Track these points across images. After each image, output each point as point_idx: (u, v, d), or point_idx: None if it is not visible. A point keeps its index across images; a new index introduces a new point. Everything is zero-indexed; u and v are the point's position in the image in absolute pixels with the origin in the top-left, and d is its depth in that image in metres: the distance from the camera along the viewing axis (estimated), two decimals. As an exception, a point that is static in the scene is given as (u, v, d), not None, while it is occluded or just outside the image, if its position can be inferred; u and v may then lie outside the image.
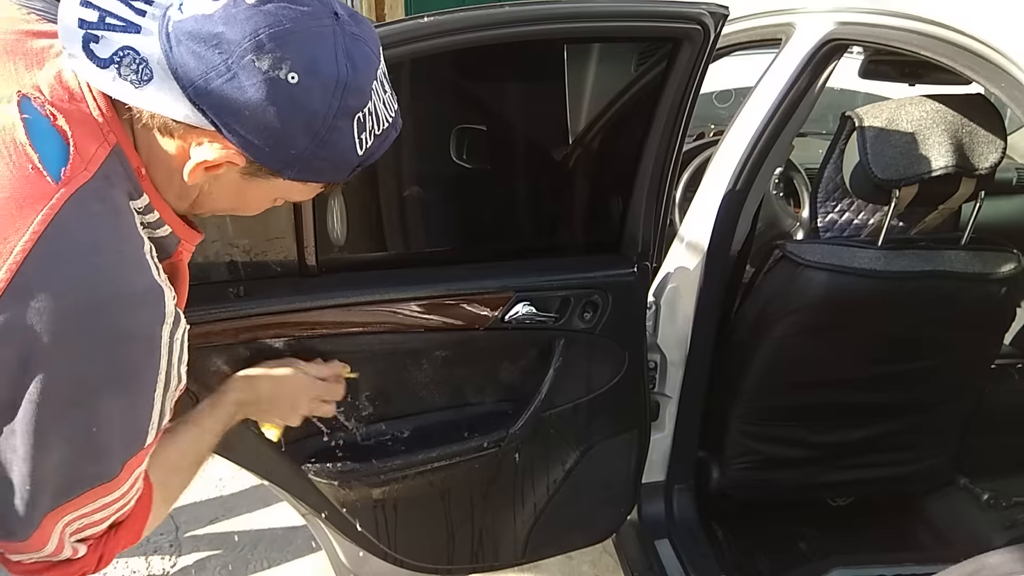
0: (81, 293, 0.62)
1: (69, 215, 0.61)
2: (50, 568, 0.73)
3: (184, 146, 0.69)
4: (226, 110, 0.64)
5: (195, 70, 0.63)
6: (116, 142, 0.67)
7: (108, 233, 0.65)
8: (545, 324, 1.33)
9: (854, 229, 1.57)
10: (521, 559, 1.57)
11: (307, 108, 0.65)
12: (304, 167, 0.69)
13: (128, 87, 0.64)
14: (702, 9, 1.16)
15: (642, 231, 1.38)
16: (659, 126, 1.29)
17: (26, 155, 0.61)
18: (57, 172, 0.62)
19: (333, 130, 0.67)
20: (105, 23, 0.64)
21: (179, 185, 0.72)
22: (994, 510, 1.74)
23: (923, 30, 1.24)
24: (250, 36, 0.62)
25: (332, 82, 0.66)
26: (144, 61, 0.64)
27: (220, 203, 0.77)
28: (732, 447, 1.68)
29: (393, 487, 1.34)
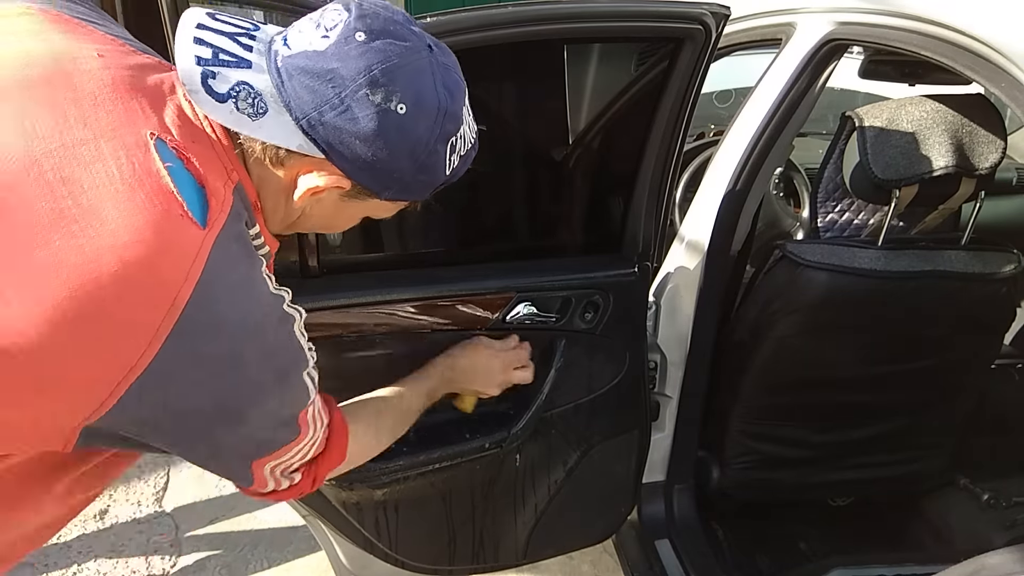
0: (233, 331, 0.68)
1: (217, 259, 0.65)
2: (278, 495, 0.85)
3: (292, 174, 0.74)
4: (338, 140, 0.69)
5: (308, 103, 0.68)
6: (238, 180, 0.72)
7: (245, 270, 0.71)
8: (546, 324, 1.33)
9: (854, 229, 1.57)
10: (522, 560, 1.57)
11: (412, 136, 0.71)
12: (401, 188, 0.76)
13: (246, 119, 0.68)
14: (703, 9, 1.15)
15: (643, 231, 1.38)
16: (660, 126, 1.28)
17: (175, 201, 0.63)
18: (202, 217, 0.65)
19: (432, 154, 0.73)
20: (219, 59, 0.68)
21: (284, 210, 0.78)
22: (994, 510, 1.75)
23: (923, 30, 1.24)
24: (364, 72, 0.67)
25: (434, 111, 0.72)
26: (259, 95, 0.68)
27: (315, 223, 0.83)
28: (732, 447, 1.68)
29: (394, 488, 1.34)
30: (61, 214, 0.59)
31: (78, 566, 2.07)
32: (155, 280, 0.61)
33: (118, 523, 2.24)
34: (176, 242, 0.63)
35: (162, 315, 0.61)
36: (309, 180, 0.73)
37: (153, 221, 0.62)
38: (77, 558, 2.10)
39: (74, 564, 2.08)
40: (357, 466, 0.99)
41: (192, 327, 0.63)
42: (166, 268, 0.62)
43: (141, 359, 0.61)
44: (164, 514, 2.28)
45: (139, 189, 0.62)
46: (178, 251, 0.63)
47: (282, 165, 0.73)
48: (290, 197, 0.76)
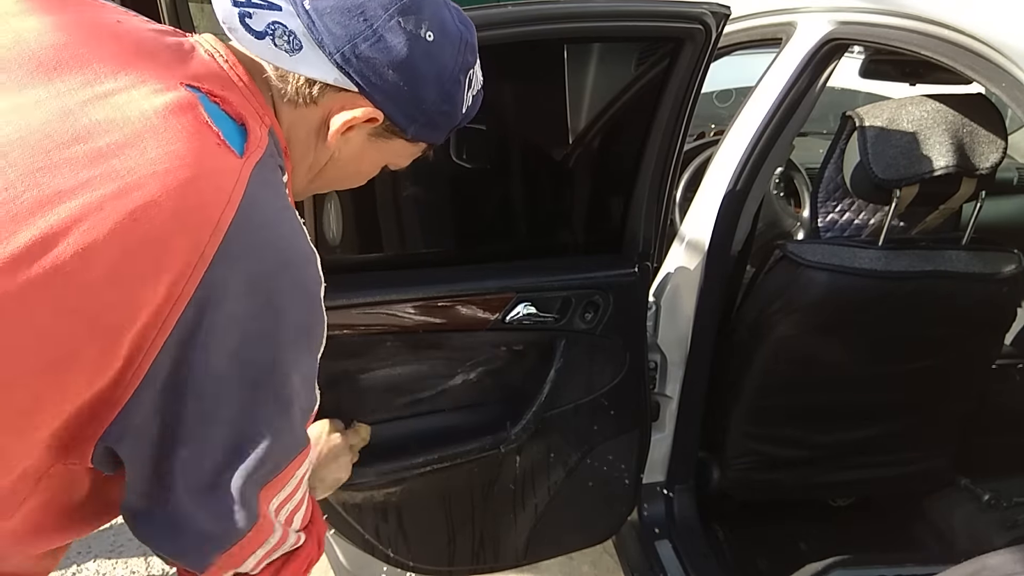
0: (274, 254, 0.67)
1: (256, 186, 0.66)
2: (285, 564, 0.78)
3: (325, 111, 0.75)
4: (371, 70, 0.72)
5: (341, 37, 0.71)
6: (270, 124, 0.73)
7: (283, 203, 0.72)
8: (546, 325, 1.33)
9: (855, 229, 1.57)
10: (522, 560, 1.57)
11: (439, 62, 0.74)
12: (426, 122, 0.78)
13: (283, 55, 0.71)
14: (704, 9, 1.15)
15: (643, 231, 1.38)
16: (660, 126, 1.28)
17: (211, 131, 0.65)
18: (240, 147, 0.66)
19: (455, 83, 0.77)
20: (252, 3, 0.72)
21: (314, 153, 0.79)
22: (994, 510, 1.74)
23: (924, 30, 1.24)
24: (395, 2, 0.72)
25: (457, 39, 0.76)
26: (292, 33, 0.71)
27: (342, 169, 0.83)
28: (732, 447, 1.68)
29: (394, 488, 1.34)
30: (99, 153, 0.61)
31: (77, 566, 2.07)
32: (197, 203, 0.62)
33: (118, 523, 2.21)
34: (216, 168, 0.64)
35: (206, 237, 0.61)
36: (344, 115, 0.75)
37: (192, 149, 0.63)
38: (76, 558, 2.09)
39: (73, 564, 2.08)
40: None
41: (237, 249, 0.63)
42: (208, 192, 0.63)
43: (188, 283, 0.61)
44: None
45: (175, 121, 0.64)
46: (218, 176, 0.64)
47: (315, 103, 0.75)
48: (321, 137, 0.77)
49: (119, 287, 0.59)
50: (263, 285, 0.66)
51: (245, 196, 0.64)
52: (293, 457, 0.73)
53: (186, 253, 0.61)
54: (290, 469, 0.73)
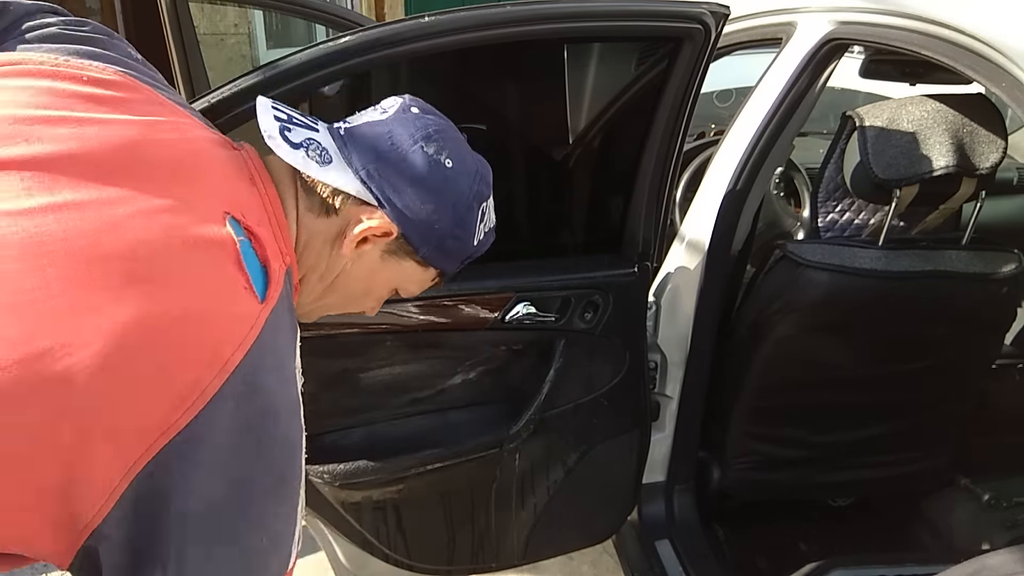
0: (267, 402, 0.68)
1: (267, 333, 0.68)
2: None
3: (343, 223, 0.80)
4: (392, 188, 0.79)
5: (368, 156, 0.79)
6: (289, 264, 0.77)
7: (287, 351, 0.73)
8: (545, 324, 1.33)
9: (855, 229, 1.57)
10: (521, 560, 1.57)
11: (456, 187, 0.82)
12: (438, 245, 0.83)
13: (314, 164, 0.78)
14: (703, 8, 1.15)
15: (642, 231, 1.38)
16: (660, 126, 1.28)
17: (243, 274, 0.68)
18: (263, 292, 0.70)
19: (468, 210, 0.83)
20: (292, 121, 0.80)
21: (327, 263, 0.83)
22: (994, 510, 1.74)
23: (924, 30, 1.24)
24: (421, 130, 0.81)
25: (473, 171, 0.84)
26: (324, 148, 0.79)
27: (352, 287, 0.87)
28: (732, 447, 1.68)
29: (393, 487, 1.34)
30: (137, 275, 0.62)
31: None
32: (212, 342, 0.64)
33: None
34: (237, 312, 0.66)
35: (211, 377, 0.63)
36: (360, 225, 0.80)
37: (221, 289, 0.66)
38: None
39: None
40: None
41: (235, 392, 0.64)
42: (224, 333, 0.65)
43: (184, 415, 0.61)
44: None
45: (210, 256, 0.66)
46: (238, 320, 0.66)
47: (336, 213, 0.80)
48: (336, 247, 0.81)
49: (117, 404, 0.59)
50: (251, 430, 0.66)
51: (256, 342, 0.66)
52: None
53: (188, 388, 0.61)
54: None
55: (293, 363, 0.74)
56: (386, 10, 6.12)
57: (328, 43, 1.03)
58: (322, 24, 2.97)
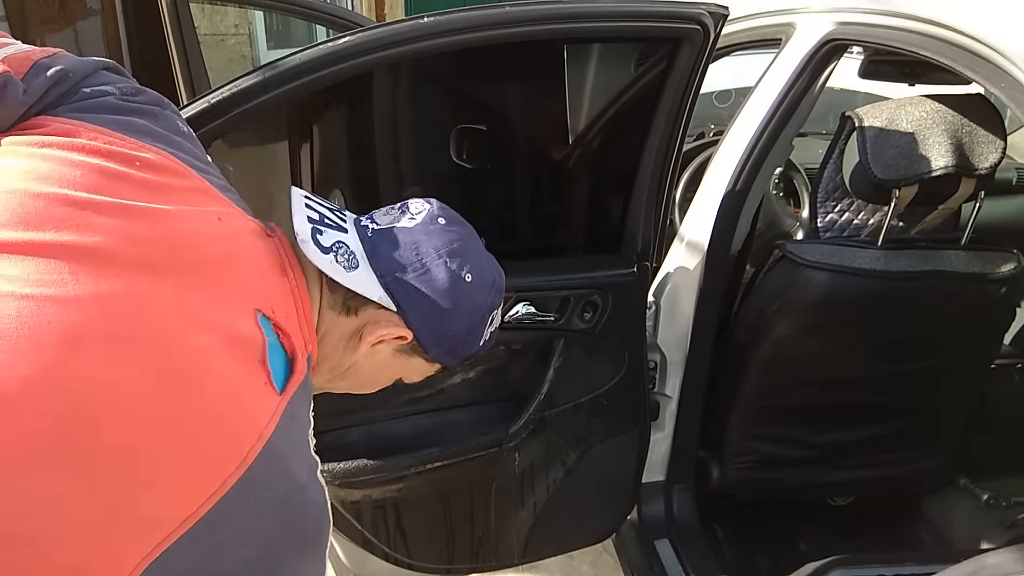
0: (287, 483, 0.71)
1: (285, 420, 0.70)
2: None
3: (361, 323, 0.84)
4: (412, 295, 0.82)
5: (394, 264, 0.82)
6: (310, 352, 0.79)
7: (301, 440, 0.75)
8: (545, 324, 1.33)
9: (854, 229, 1.57)
10: (521, 559, 1.57)
11: (473, 300, 0.86)
12: (448, 348, 0.87)
13: (341, 270, 0.80)
14: (702, 9, 1.16)
15: (642, 231, 1.38)
16: (659, 126, 1.29)
17: (264, 370, 0.70)
18: (282, 385, 0.72)
19: (482, 320, 0.88)
20: (324, 222, 0.83)
21: (340, 357, 0.86)
22: (994, 510, 1.74)
23: (923, 30, 1.24)
24: (446, 245, 0.84)
25: (490, 283, 0.88)
26: (352, 253, 0.82)
27: (361, 377, 0.91)
28: (732, 447, 1.68)
29: (393, 487, 1.35)
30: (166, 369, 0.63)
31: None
32: (232, 434, 0.66)
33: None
34: (256, 407, 0.69)
35: (232, 468, 0.64)
36: (378, 329, 0.83)
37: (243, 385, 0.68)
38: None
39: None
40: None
41: (254, 480, 0.66)
42: (243, 428, 0.67)
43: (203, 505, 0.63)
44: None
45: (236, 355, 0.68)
46: (257, 414, 0.68)
47: (355, 314, 0.83)
48: (351, 346, 0.85)
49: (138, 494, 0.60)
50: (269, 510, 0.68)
51: (275, 433, 0.68)
52: None
53: (208, 481, 0.63)
54: None
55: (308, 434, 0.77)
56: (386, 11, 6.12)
57: (328, 43, 1.03)
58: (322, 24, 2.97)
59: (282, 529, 0.70)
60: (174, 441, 0.62)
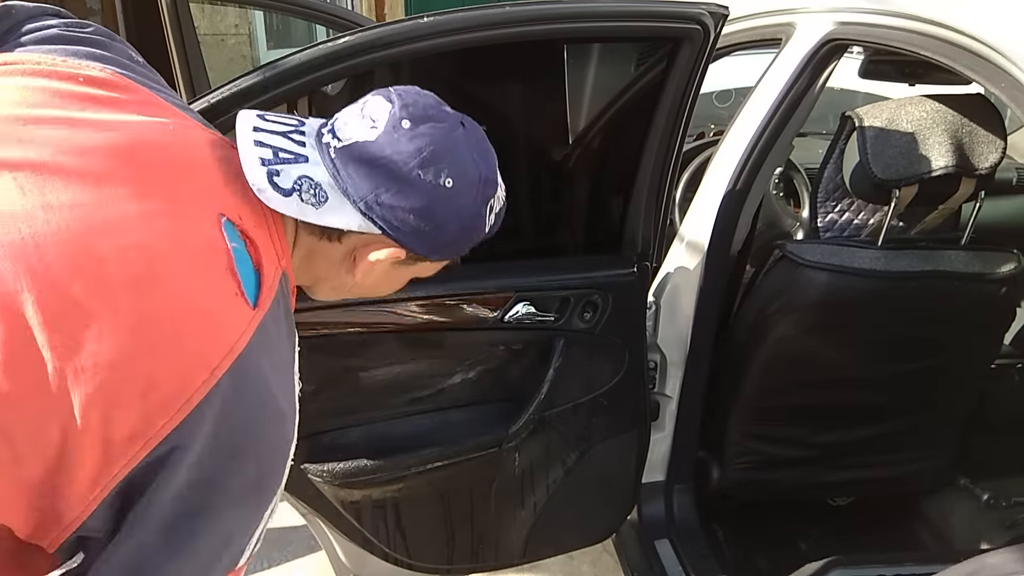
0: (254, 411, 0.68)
1: (258, 338, 0.67)
2: None
3: (350, 247, 0.80)
4: (394, 217, 0.76)
5: (365, 188, 0.75)
6: (284, 268, 0.76)
7: (279, 357, 0.73)
8: (545, 324, 1.33)
9: (854, 229, 1.57)
10: (521, 559, 1.57)
11: (459, 205, 0.79)
12: (450, 249, 0.84)
13: (310, 209, 0.75)
14: (702, 9, 1.16)
15: (642, 231, 1.38)
16: (659, 126, 1.29)
17: (234, 279, 0.67)
18: (254, 298, 0.69)
19: (476, 218, 0.82)
20: (279, 158, 0.75)
21: (337, 279, 0.84)
22: (994, 510, 1.74)
23: (923, 30, 1.24)
24: (416, 154, 0.76)
25: (476, 181, 0.80)
26: (319, 185, 0.75)
27: (367, 290, 0.88)
28: (732, 447, 1.68)
29: (393, 487, 1.35)
30: (132, 278, 0.62)
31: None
32: (202, 349, 0.64)
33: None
34: (227, 319, 0.66)
35: (197, 384, 0.63)
36: (368, 254, 0.80)
37: (212, 295, 0.66)
38: (77, 558, 2.10)
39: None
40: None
41: (221, 400, 0.64)
42: (212, 341, 0.65)
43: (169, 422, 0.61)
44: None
45: (203, 261, 0.66)
46: (227, 327, 0.66)
47: (340, 241, 0.80)
48: (345, 268, 0.82)
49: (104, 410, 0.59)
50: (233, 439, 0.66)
51: (245, 349, 0.66)
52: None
53: (174, 395, 0.62)
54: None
55: (289, 368, 0.74)
56: (386, 10, 6.12)
57: (328, 43, 1.03)
58: (322, 24, 2.97)
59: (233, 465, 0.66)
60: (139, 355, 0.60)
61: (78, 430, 0.58)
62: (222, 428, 0.64)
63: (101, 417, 0.59)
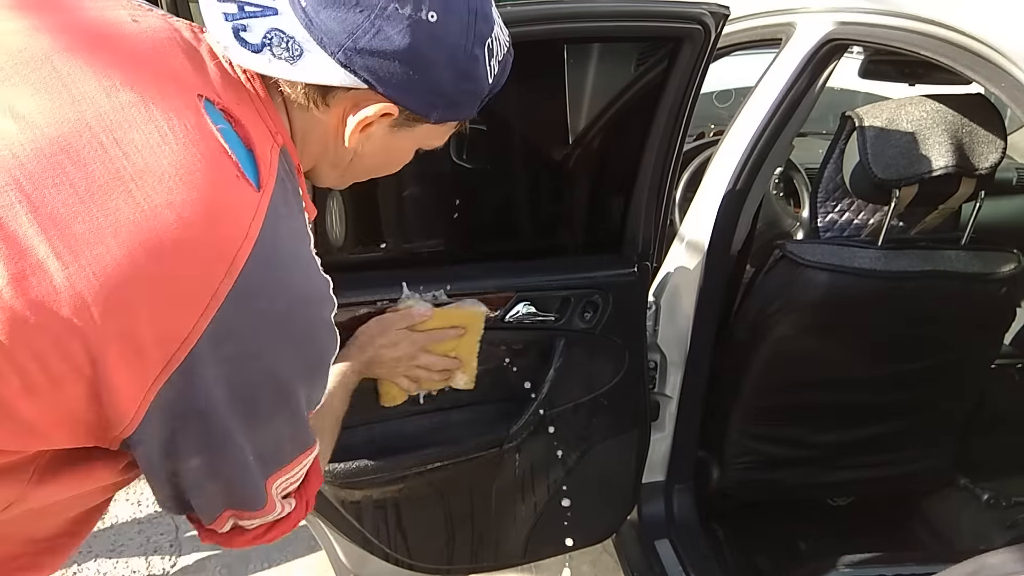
0: (287, 296, 0.66)
1: (272, 220, 0.64)
2: (270, 529, 0.82)
3: (338, 113, 0.72)
4: (377, 65, 0.68)
5: (340, 34, 0.67)
6: (283, 143, 0.71)
7: (299, 239, 0.70)
8: (545, 324, 1.33)
9: (854, 229, 1.57)
10: (521, 559, 1.57)
11: (448, 42, 0.70)
12: (448, 104, 0.74)
13: (283, 64, 0.68)
14: (703, 9, 1.15)
15: (642, 231, 1.38)
16: (659, 126, 1.29)
17: (230, 161, 0.63)
18: (256, 180, 0.65)
19: (471, 59, 0.72)
20: (245, 11, 0.68)
21: (335, 155, 0.77)
22: (994, 510, 1.75)
23: (923, 30, 1.24)
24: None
25: (464, 12, 0.70)
26: (292, 38, 0.67)
27: (369, 164, 0.81)
28: (732, 447, 1.68)
29: (393, 487, 1.34)
30: (117, 174, 0.59)
31: (78, 566, 2.08)
32: (214, 239, 0.61)
33: (118, 523, 2.24)
34: (233, 203, 0.63)
35: (221, 275, 0.60)
36: (357, 115, 0.72)
37: (211, 180, 0.62)
38: (77, 558, 2.10)
39: (74, 564, 2.08)
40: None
41: (251, 288, 0.62)
42: (225, 228, 0.61)
43: (200, 320, 0.60)
44: (164, 514, 2.28)
45: (194, 149, 0.62)
46: (236, 212, 0.62)
47: (327, 105, 0.72)
48: (340, 140, 0.75)
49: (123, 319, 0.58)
50: (274, 325, 0.65)
51: (262, 233, 0.63)
52: (299, 453, 0.77)
53: (199, 292, 0.60)
54: (296, 462, 0.77)
55: (307, 247, 0.71)
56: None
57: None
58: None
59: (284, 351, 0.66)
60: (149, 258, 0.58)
61: (101, 340, 0.57)
62: (256, 320, 0.63)
63: (121, 325, 0.58)
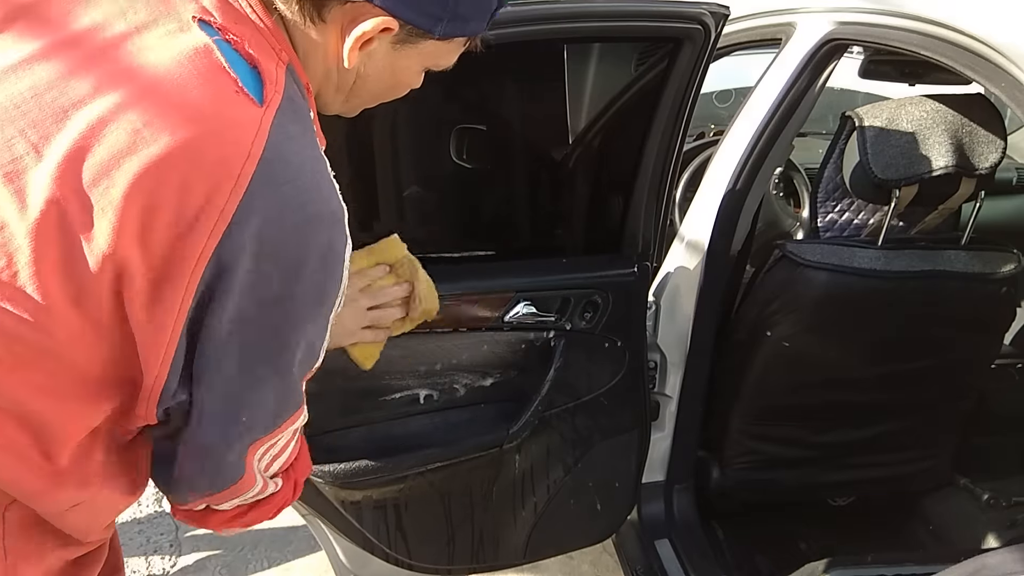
0: (296, 212, 0.64)
1: (278, 136, 0.62)
2: (251, 509, 0.79)
3: (337, 28, 0.69)
4: None
5: None
6: (288, 60, 0.68)
7: (309, 154, 0.67)
8: (546, 324, 1.33)
9: (854, 229, 1.57)
10: (521, 559, 1.57)
11: None
12: (452, 17, 0.70)
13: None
14: (703, 9, 1.16)
15: (642, 231, 1.38)
16: (659, 126, 1.29)
17: (229, 77, 0.62)
18: (259, 94, 0.63)
19: None
20: None
21: (337, 76, 0.74)
22: (994, 510, 1.74)
23: (923, 30, 1.24)
24: None
25: None
26: None
27: (375, 85, 0.77)
28: (732, 447, 1.68)
29: (394, 487, 1.34)
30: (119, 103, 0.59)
31: (78, 566, 2.07)
32: (217, 157, 0.60)
33: (118, 522, 2.24)
34: (235, 118, 0.61)
35: (227, 193, 0.59)
36: (355, 31, 0.68)
37: (209, 97, 0.61)
38: (77, 558, 2.09)
39: (74, 564, 2.08)
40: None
41: (258, 206, 0.61)
42: (227, 145, 0.60)
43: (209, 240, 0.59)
44: (164, 514, 2.28)
45: (191, 67, 0.61)
46: (238, 128, 0.61)
47: (323, 21, 0.68)
48: (340, 62, 0.72)
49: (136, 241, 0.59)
50: (282, 246, 0.63)
51: (266, 149, 0.61)
52: (288, 416, 0.74)
53: (204, 213, 0.59)
54: (283, 427, 0.74)
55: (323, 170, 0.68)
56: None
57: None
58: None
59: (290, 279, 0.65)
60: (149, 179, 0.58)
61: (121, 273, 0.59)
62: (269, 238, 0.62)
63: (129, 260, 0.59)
